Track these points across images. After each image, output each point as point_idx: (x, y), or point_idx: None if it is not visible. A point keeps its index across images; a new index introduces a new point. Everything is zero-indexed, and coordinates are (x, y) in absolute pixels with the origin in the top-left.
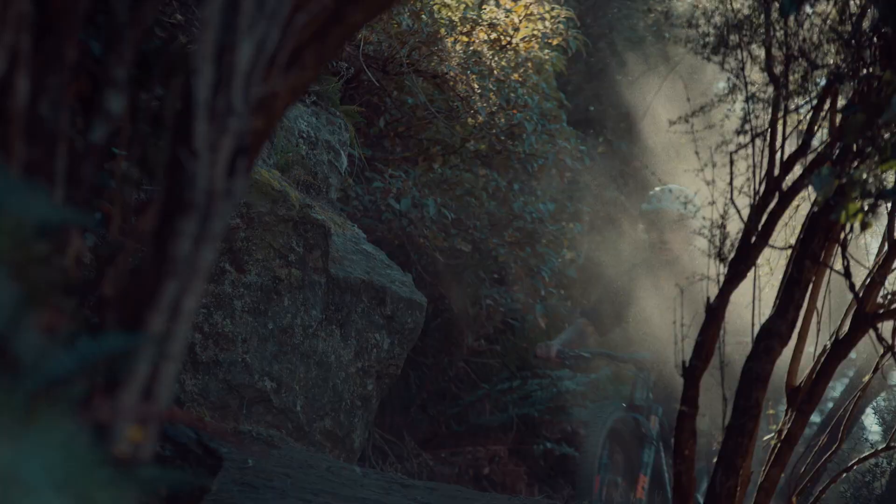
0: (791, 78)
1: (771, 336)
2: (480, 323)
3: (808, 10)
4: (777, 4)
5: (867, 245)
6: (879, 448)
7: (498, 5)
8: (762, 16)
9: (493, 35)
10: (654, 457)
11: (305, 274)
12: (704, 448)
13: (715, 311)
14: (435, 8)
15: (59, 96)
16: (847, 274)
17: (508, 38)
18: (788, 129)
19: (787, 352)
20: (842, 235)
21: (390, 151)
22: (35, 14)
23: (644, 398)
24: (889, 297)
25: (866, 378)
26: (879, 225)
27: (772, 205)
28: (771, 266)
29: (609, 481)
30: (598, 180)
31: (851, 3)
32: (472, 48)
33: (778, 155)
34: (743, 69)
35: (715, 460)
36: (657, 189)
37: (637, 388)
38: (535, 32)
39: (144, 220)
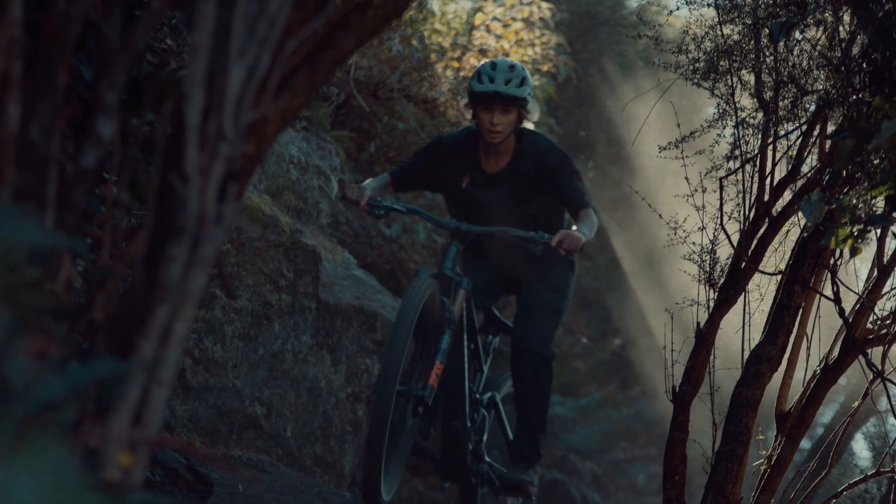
0: (781, 103)
1: (761, 361)
2: None
3: (797, 35)
4: (767, 30)
5: (857, 270)
6: (869, 474)
7: (488, 31)
8: (752, 42)
9: (484, 61)
10: (457, 340)
11: (296, 299)
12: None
13: (705, 337)
14: (426, 34)
15: (50, 121)
16: (837, 299)
17: None
18: (778, 155)
19: (777, 377)
20: (831, 261)
21: None
22: (26, 39)
23: (451, 269)
24: (878, 322)
25: (856, 404)
26: (869, 250)
27: (762, 230)
28: (761, 291)
29: (407, 365)
30: None
31: (841, 28)
32: (462, 73)
33: (768, 180)
34: (733, 95)
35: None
36: (486, 64)
37: (447, 258)
38: (526, 58)
39: (135, 245)
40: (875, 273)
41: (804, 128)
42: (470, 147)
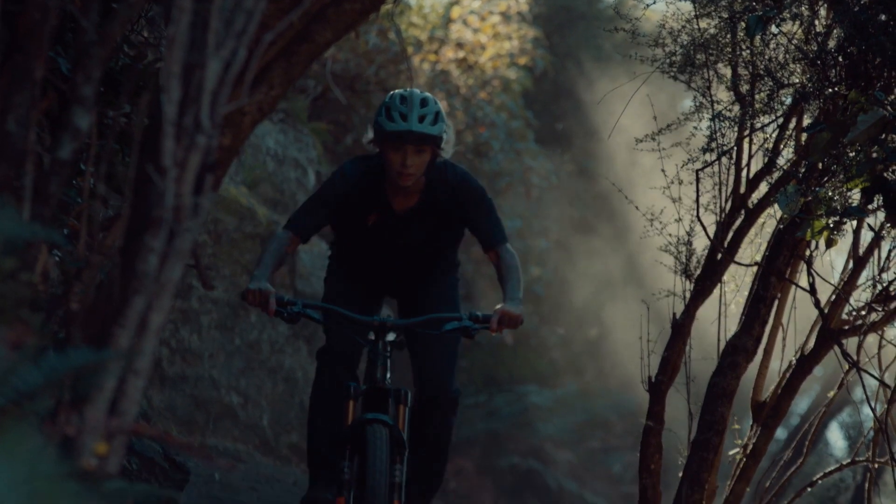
0: (757, 97)
1: (737, 352)
2: None
3: (774, 29)
4: (743, 24)
5: (832, 262)
6: (844, 463)
7: (465, 25)
8: (728, 35)
9: (461, 54)
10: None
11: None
12: None
13: (681, 328)
14: (403, 27)
15: (27, 113)
16: (812, 291)
17: (476, 58)
18: (755, 148)
19: (753, 367)
20: (807, 253)
21: None
22: (4, 32)
23: (384, 379)
24: (854, 313)
25: (831, 394)
26: (844, 242)
27: (738, 222)
28: (737, 283)
29: None
30: (565, 198)
31: (817, 23)
32: (439, 67)
33: (744, 173)
34: (709, 88)
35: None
36: (395, 97)
37: (377, 365)
38: (502, 52)
39: (112, 236)
40: (850, 265)
41: (780, 121)
42: (375, 184)
